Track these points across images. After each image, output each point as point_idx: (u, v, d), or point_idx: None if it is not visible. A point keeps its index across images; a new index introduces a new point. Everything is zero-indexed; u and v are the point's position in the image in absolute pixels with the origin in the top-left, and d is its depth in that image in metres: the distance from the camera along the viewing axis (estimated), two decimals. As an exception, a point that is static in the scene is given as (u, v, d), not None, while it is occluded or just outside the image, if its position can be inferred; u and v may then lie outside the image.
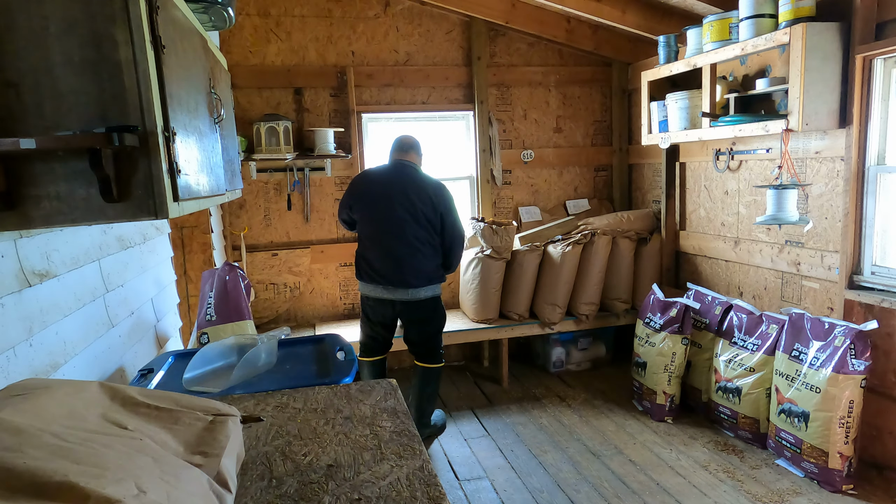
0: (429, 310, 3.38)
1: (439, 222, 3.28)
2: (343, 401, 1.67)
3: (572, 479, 3.05)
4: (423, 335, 3.44)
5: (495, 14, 4.35)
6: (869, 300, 2.90)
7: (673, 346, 3.58)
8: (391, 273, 3.26)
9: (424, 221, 3.24)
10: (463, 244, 3.43)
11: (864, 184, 2.95)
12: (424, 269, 3.28)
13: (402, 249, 3.24)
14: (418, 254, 3.25)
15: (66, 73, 1.14)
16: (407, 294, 3.29)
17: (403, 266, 3.24)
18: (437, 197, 3.27)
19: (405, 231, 3.23)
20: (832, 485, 2.82)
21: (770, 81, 3.21)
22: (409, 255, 3.24)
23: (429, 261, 3.29)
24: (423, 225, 3.25)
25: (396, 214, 3.22)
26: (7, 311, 1.45)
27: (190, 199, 1.39)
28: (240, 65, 4.17)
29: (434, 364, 3.46)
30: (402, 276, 3.25)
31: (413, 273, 3.26)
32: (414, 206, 3.23)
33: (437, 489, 1.19)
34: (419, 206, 3.23)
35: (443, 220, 3.28)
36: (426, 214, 3.24)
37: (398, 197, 3.23)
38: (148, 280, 2.58)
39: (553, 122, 4.86)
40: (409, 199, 3.23)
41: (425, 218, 3.24)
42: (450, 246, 3.35)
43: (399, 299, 3.31)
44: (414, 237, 3.24)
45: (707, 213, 4.12)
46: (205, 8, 1.92)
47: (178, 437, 1.14)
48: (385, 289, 3.30)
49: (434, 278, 3.34)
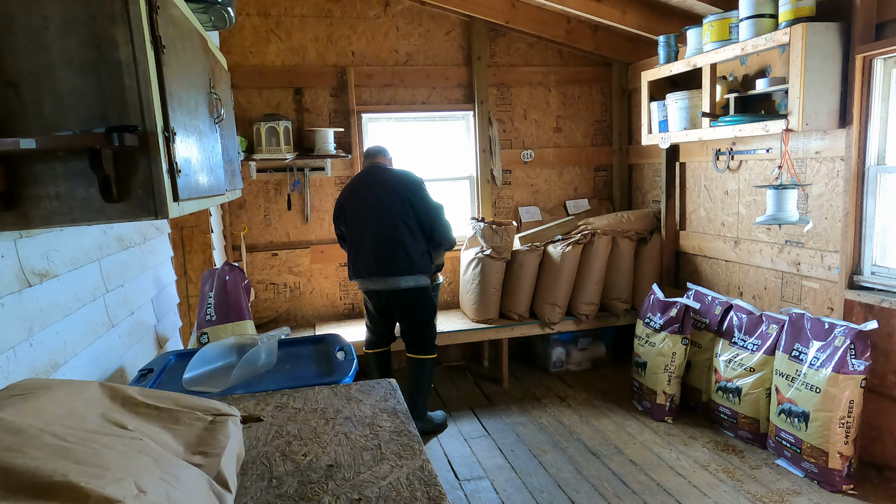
0: (413, 300, 3.50)
1: (409, 205, 3.42)
2: (343, 401, 1.67)
3: (572, 479, 3.05)
4: (411, 326, 3.58)
5: (495, 14, 4.35)
6: (869, 300, 2.90)
7: (673, 346, 3.58)
8: (374, 264, 3.44)
9: (398, 208, 3.41)
10: (441, 219, 3.52)
11: (864, 184, 2.95)
12: (407, 254, 3.40)
13: (381, 238, 3.41)
14: (397, 240, 3.40)
15: (66, 73, 1.14)
16: (389, 283, 3.45)
17: (385, 254, 3.41)
18: (401, 183, 3.46)
19: (380, 220, 3.41)
20: (832, 485, 2.82)
21: (770, 81, 3.21)
22: (390, 242, 3.41)
23: (410, 246, 3.42)
24: (397, 211, 3.41)
25: (371, 208, 3.44)
26: (7, 311, 1.45)
27: (190, 199, 1.39)
28: (240, 65, 4.17)
29: (423, 356, 3.56)
30: (385, 264, 3.41)
31: (395, 260, 3.40)
32: (385, 194, 3.42)
33: (437, 489, 1.19)
34: (389, 193, 3.42)
35: (411, 202, 3.43)
36: (396, 200, 3.42)
37: (370, 192, 3.46)
38: (148, 280, 2.58)
39: (553, 122, 4.86)
40: (379, 190, 3.45)
41: (398, 205, 3.41)
42: (430, 225, 3.47)
43: (384, 289, 3.47)
44: (390, 224, 3.40)
45: (707, 213, 4.12)
46: (205, 8, 1.92)
47: (179, 437, 1.14)
48: (372, 280, 3.49)
49: (418, 266, 3.43)
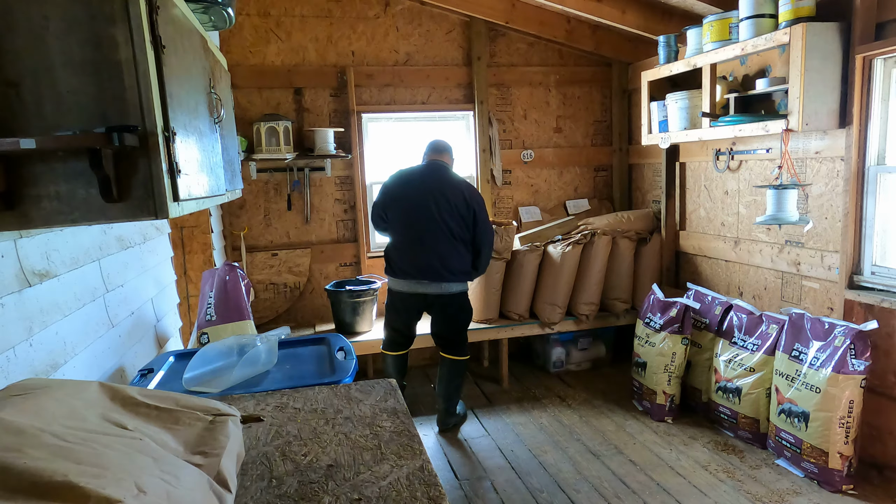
0: (457, 304, 3.52)
1: (472, 219, 3.40)
2: (343, 401, 1.67)
3: (572, 479, 3.05)
4: (452, 328, 3.57)
5: (495, 14, 4.35)
6: (869, 300, 2.90)
7: (673, 346, 3.58)
8: (427, 267, 3.39)
9: (459, 218, 3.37)
10: (492, 246, 3.56)
11: (864, 184, 2.95)
12: (458, 265, 3.42)
13: (438, 245, 3.37)
14: (454, 250, 3.39)
15: (66, 73, 1.14)
16: (440, 288, 3.43)
17: (439, 261, 3.37)
18: (470, 195, 3.40)
19: (441, 227, 3.35)
20: (832, 485, 2.82)
21: (770, 81, 3.21)
22: (446, 251, 3.38)
23: (462, 258, 3.44)
24: (458, 222, 3.37)
25: (433, 211, 3.35)
26: (7, 311, 1.45)
27: (190, 199, 1.39)
28: (240, 65, 4.17)
29: (460, 357, 3.60)
30: (437, 270, 3.38)
31: (447, 268, 3.39)
32: (449, 202, 3.35)
33: (437, 489, 1.19)
34: (454, 202, 3.36)
35: (475, 217, 3.41)
36: (460, 211, 3.37)
37: (434, 194, 3.36)
38: (148, 280, 2.58)
39: (553, 122, 4.86)
40: (444, 196, 3.36)
41: (459, 215, 3.37)
42: (480, 244, 3.48)
43: (432, 293, 3.44)
44: (450, 233, 3.37)
45: (707, 213, 4.12)
46: (205, 8, 1.92)
47: (179, 437, 1.14)
48: (419, 283, 3.43)
49: (465, 274, 3.47)
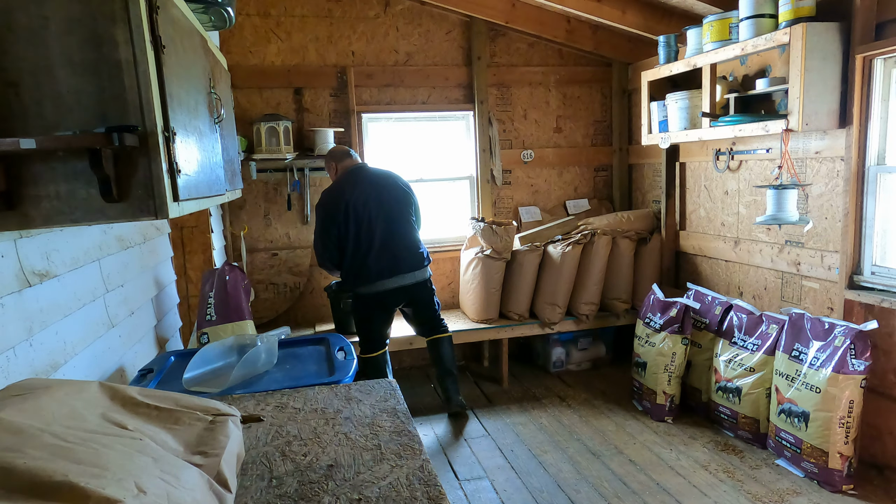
0: (430, 286, 3.72)
1: (412, 202, 3.63)
2: (343, 401, 1.67)
3: (572, 479, 3.05)
4: (429, 310, 3.74)
5: (495, 14, 4.35)
6: (869, 300, 2.90)
7: (673, 346, 3.58)
8: (402, 260, 3.52)
9: (405, 205, 3.57)
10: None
11: (864, 184, 2.95)
12: (422, 249, 3.62)
13: (405, 236, 3.54)
14: (412, 236, 3.57)
15: (66, 73, 1.14)
16: (416, 277, 3.57)
17: (408, 250, 3.53)
18: (402, 182, 3.63)
19: (395, 218, 3.52)
20: (832, 485, 2.82)
21: (770, 81, 3.21)
22: (411, 240, 3.56)
23: (419, 240, 3.64)
24: (407, 208, 3.57)
25: (383, 206, 3.49)
26: (7, 311, 1.45)
27: (190, 199, 1.39)
28: (240, 65, 4.17)
29: (448, 332, 3.81)
30: (409, 259, 3.53)
31: (416, 255, 3.56)
32: (395, 193, 3.54)
33: (437, 489, 1.19)
34: (397, 192, 3.55)
35: (412, 199, 3.63)
36: (402, 198, 3.57)
37: (381, 191, 3.51)
38: (148, 280, 2.58)
39: (553, 122, 4.86)
40: (387, 189, 3.53)
41: (405, 202, 3.58)
42: (419, 220, 3.69)
43: (410, 283, 3.56)
44: (404, 220, 3.55)
45: (707, 213, 4.12)
46: (205, 8, 1.92)
47: (179, 437, 1.14)
48: (402, 276, 3.53)
49: (427, 257, 3.66)
